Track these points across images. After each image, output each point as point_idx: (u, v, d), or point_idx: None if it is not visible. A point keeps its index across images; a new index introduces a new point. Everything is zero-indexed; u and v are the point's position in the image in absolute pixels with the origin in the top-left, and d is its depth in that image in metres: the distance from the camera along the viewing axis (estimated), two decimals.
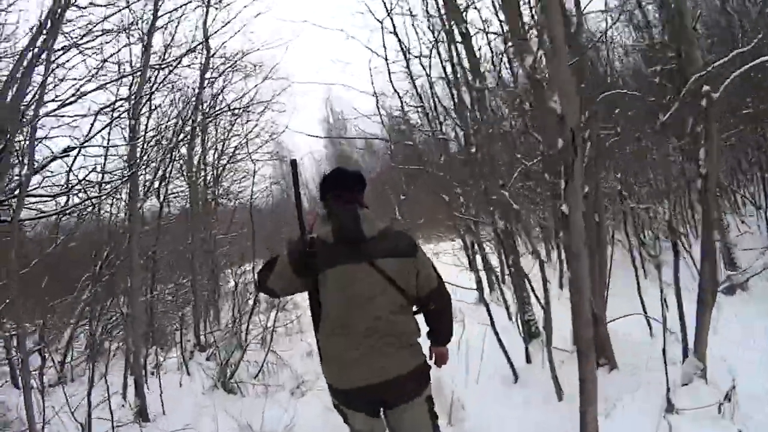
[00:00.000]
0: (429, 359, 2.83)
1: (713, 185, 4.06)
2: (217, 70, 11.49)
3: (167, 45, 8.14)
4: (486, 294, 7.57)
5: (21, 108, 4.97)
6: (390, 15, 7.99)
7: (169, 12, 7.24)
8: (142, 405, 5.87)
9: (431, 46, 8.32)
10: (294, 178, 2.72)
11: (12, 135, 4.73)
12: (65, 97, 5.56)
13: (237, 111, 12.40)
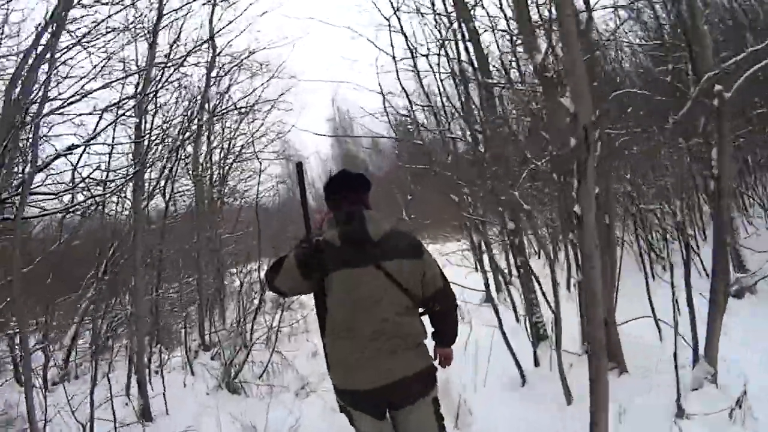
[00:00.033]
0: (434, 360, 2.82)
1: (726, 186, 3.99)
2: (224, 68, 11.52)
3: (173, 43, 8.13)
4: (493, 295, 7.52)
5: (25, 106, 4.96)
6: (396, 13, 7.97)
7: (175, 10, 7.24)
8: (145, 404, 5.85)
9: (439, 44, 8.28)
10: (299, 179, 2.72)
11: (16, 132, 4.72)
12: (71, 95, 5.56)
13: (243, 110, 12.41)
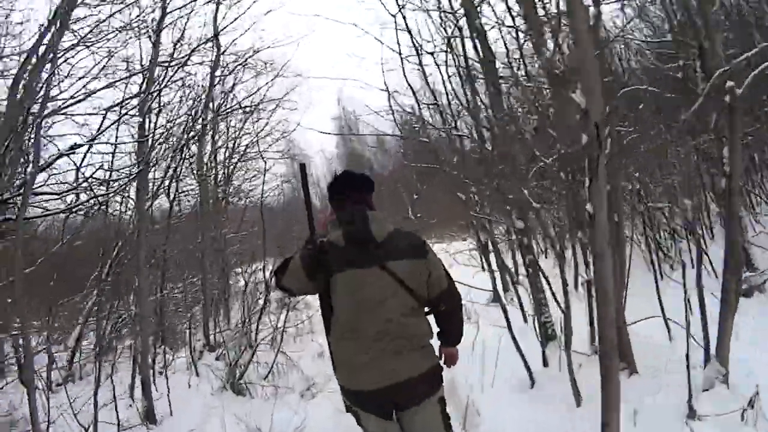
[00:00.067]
0: (439, 359, 2.82)
1: (737, 184, 3.93)
2: (228, 67, 11.49)
3: (176, 42, 8.08)
4: (500, 294, 7.45)
5: (28, 106, 4.93)
6: (401, 11, 7.93)
7: (179, 8, 7.19)
8: (149, 406, 5.82)
9: (445, 41, 8.23)
10: (303, 180, 2.72)
11: (18, 132, 4.69)
12: (74, 95, 5.54)
13: (248, 109, 12.38)
